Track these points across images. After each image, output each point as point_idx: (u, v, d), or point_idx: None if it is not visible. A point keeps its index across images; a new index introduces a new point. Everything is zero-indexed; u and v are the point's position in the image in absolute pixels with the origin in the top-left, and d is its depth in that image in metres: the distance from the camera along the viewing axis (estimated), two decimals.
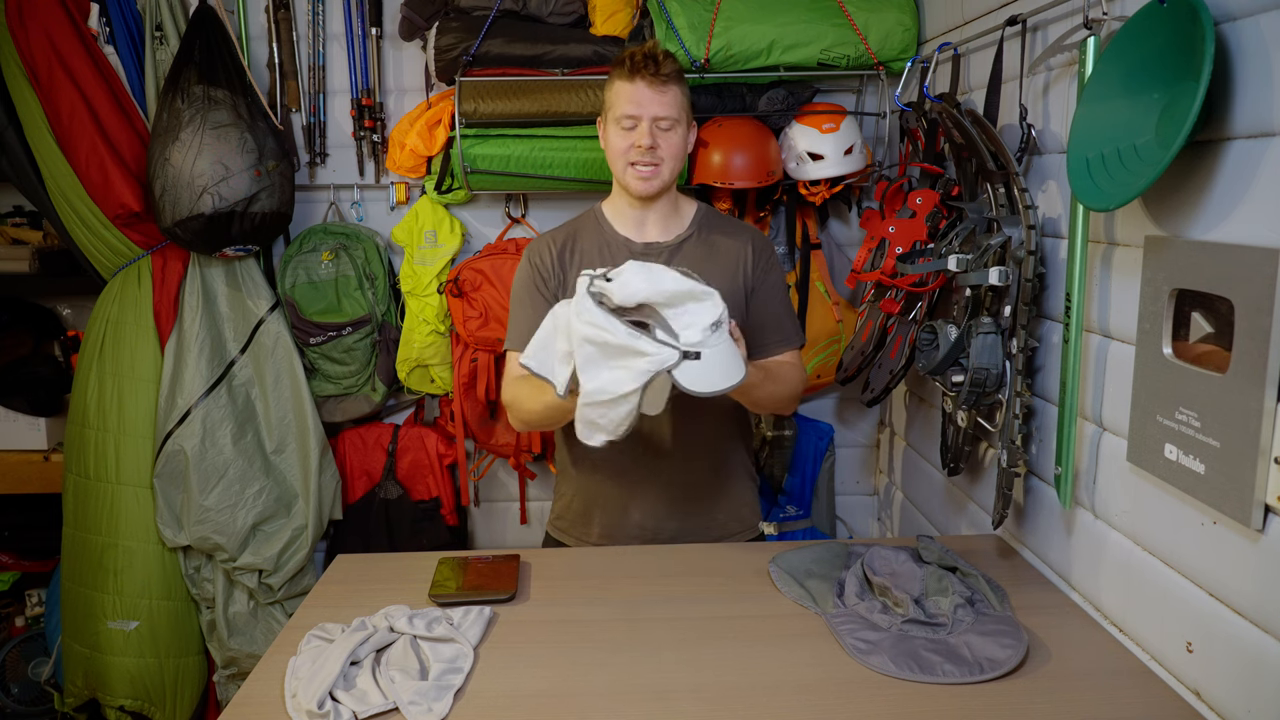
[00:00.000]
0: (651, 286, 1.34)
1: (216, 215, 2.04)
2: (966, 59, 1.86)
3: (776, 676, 1.20)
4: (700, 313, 1.36)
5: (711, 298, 1.37)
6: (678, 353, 1.32)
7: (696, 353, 1.33)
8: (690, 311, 1.36)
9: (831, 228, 2.47)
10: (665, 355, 1.31)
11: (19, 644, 2.67)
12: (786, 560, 1.52)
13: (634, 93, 1.60)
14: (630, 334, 1.31)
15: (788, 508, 2.41)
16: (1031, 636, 1.27)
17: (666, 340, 1.34)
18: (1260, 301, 0.97)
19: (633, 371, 1.32)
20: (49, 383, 2.54)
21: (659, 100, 1.60)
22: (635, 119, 1.60)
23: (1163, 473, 1.16)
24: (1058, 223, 1.48)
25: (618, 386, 1.33)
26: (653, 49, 1.63)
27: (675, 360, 1.32)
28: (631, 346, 1.32)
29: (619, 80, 1.62)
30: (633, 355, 1.32)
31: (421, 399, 2.54)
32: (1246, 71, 1.02)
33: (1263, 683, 1.01)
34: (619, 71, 1.63)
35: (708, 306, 1.37)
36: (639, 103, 1.60)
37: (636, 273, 1.36)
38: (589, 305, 1.34)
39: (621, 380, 1.33)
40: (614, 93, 1.64)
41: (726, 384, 1.36)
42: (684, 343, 1.34)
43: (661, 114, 1.61)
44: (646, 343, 1.32)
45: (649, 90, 1.60)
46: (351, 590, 1.49)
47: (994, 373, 1.49)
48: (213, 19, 2.12)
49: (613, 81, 1.65)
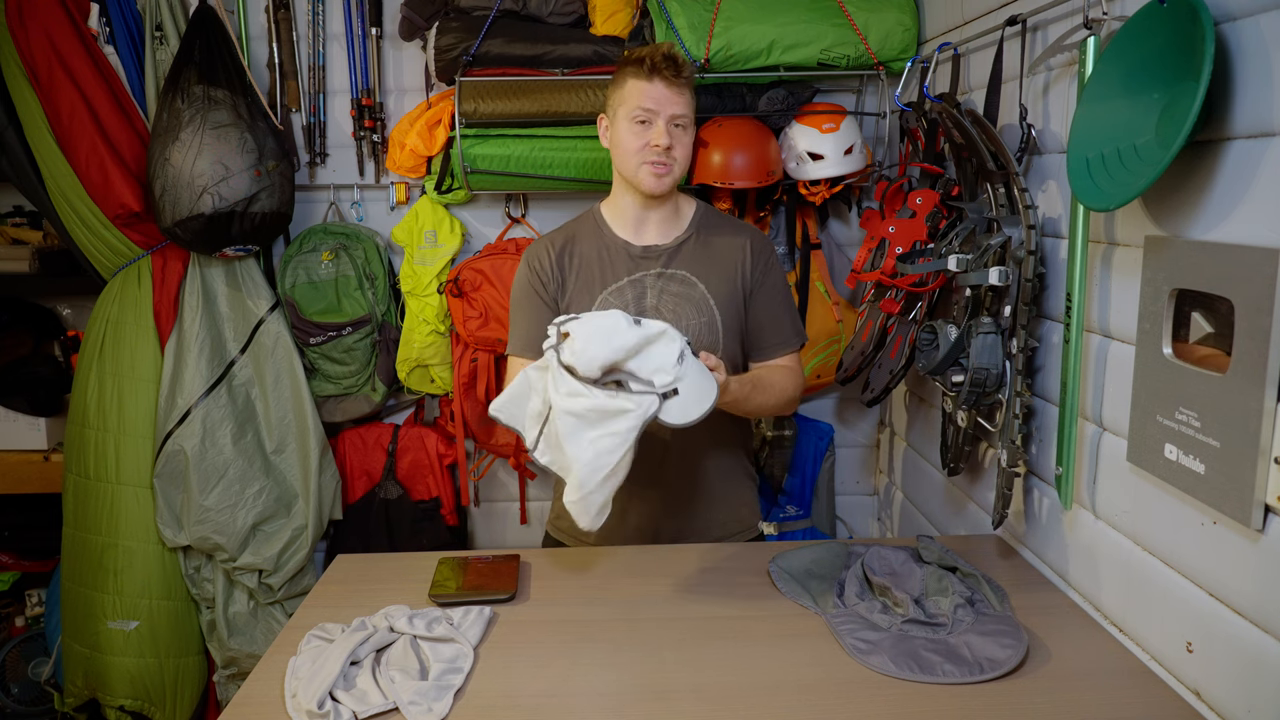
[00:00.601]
0: (610, 349, 1.32)
1: (216, 215, 2.04)
2: (966, 59, 1.86)
3: (776, 676, 1.20)
4: (664, 353, 1.35)
5: (667, 334, 1.36)
6: (657, 398, 1.32)
7: (674, 389, 1.33)
8: (655, 355, 1.35)
9: (831, 228, 2.47)
10: (647, 404, 1.31)
11: (19, 644, 2.67)
12: (786, 560, 1.52)
13: (652, 90, 1.60)
14: (609, 396, 1.31)
15: (788, 508, 2.41)
16: (1031, 636, 1.27)
17: (642, 390, 1.33)
18: (1260, 301, 0.97)
19: (618, 435, 1.31)
20: (49, 383, 2.54)
21: (676, 99, 1.61)
22: (652, 114, 1.60)
23: (1163, 473, 1.16)
24: (1058, 223, 1.48)
25: (608, 458, 1.32)
26: (671, 50, 1.63)
27: (657, 407, 1.32)
28: (614, 407, 1.31)
29: (634, 78, 1.61)
30: (615, 416, 1.32)
31: (421, 399, 2.54)
32: (1246, 71, 1.03)
33: (1263, 683, 1.01)
34: (635, 70, 1.61)
35: (668, 344, 1.35)
36: (657, 100, 1.59)
37: (591, 340, 1.33)
38: (564, 377, 1.33)
39: (610, 447, 1.32)
40: (627, 90, 1.62)
41: (702, 409, 1.35)
42: (658, 386, 1.33)
43: (678, 111, 1.61)
44: (625, 399, 1.31)
45: (667, 90, 1.60)
46: (351, 590, 1.49)
47: (994, 373, 1.49)
48: (213, 19, 2.12)
49: (625, 79, 1.63)
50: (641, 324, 1.36)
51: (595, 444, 1.32)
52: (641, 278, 1.67)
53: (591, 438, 1.32)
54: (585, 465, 1.32)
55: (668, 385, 1.33)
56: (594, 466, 1.32)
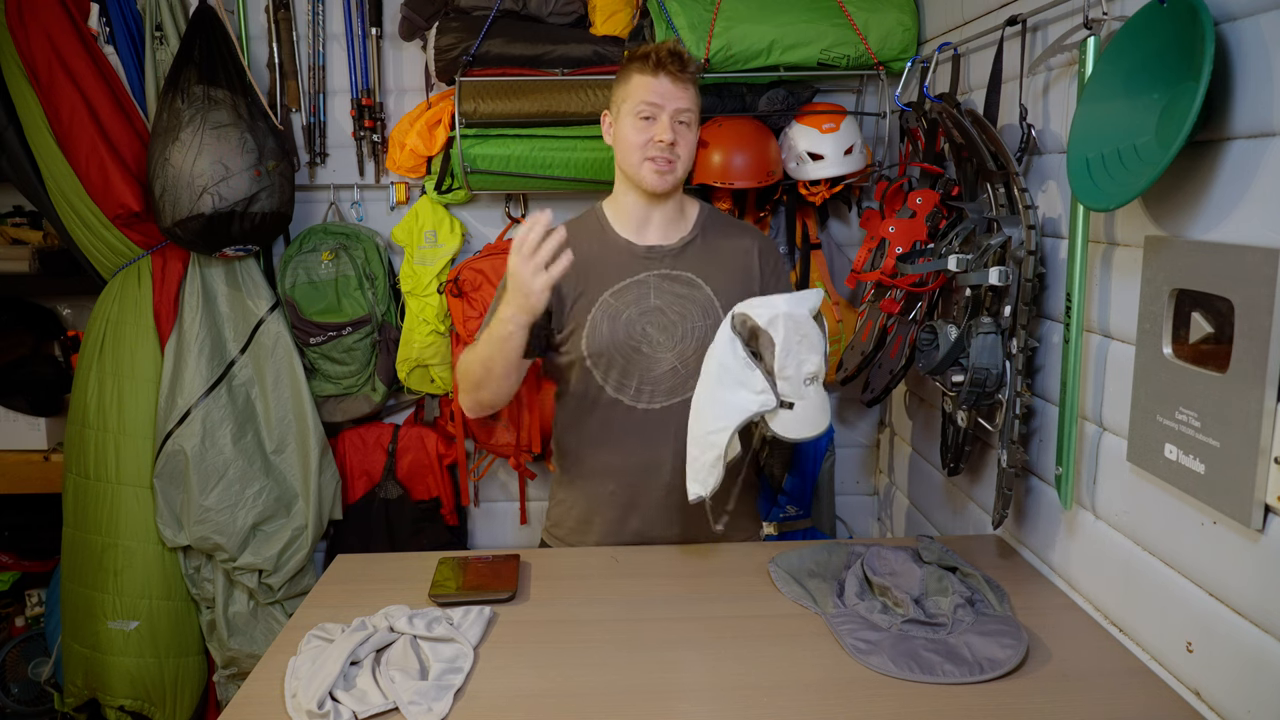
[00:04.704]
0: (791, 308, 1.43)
1: (216, 215, 2.04)
2: (966, 59, 1.86)
3: (776, 676, 1.20)
4: (804, 364, 1.44)
5: (818, 350, 1.45)
6: (775, 400, 1.43)
7: (790, 404, 1.44)
8: (799, 358, 1.43)
9: (831, 228, 2.47)
10: (763, 401, 1.42)
11: (19, 644, 2.67)
12: (786, 560, 1.52)
13: (657, 85, 1.59)
14: (748, 363, 1.43)
15: (788, 508, 2.41)
16: (1031, 636, 1.27)
17: (766, 388, 1.43)
18: (1260, 301, 0.97)
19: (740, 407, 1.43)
20: (49, 383, 2.54)
21: (681, 94, 1.60)
22: (657, 108, 1.59)
23: (1163, 473, 1.16)
24: (1058, 223, 1.48)
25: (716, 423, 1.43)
26: (676, 46, 1.62)
27: (771, 408, 1.43)
28: (741, 378, 1.43)
29: (639, 74, 1.61)
30: (741, 387, 1.43)
31: (421, 399, 2.54)
32: (1246, 71, 1.02)
33: (1263, 683, 1.01)
34: (640, 65, 1.61)
35: (812, 359, 1.44)
36: (662, 94, 1.59)
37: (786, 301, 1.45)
38: (724, 325, 1.48)
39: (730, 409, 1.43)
40: (632, 85, 1.62)
41: (805, 433, 1.45)
42: (780, 391, 1.44)
43: (683, 106, 1.60)
44: (756, 378, 1.43)
45: (672, 85, 1.59)
46: (351, 590, 1.49)
47: (994, 373, 1.49)
48: (213, 19, 2.12)
49: (629, 75, 1.63)
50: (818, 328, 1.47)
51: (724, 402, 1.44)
52: (645, 278, 1.66)
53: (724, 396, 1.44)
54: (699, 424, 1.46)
55: (788, 398, 1.43)
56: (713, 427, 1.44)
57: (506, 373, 1.60)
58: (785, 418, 1.43)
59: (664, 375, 1.65)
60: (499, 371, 1.60)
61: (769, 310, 1.43)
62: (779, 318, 1.42)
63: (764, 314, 1.44)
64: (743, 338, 1.46)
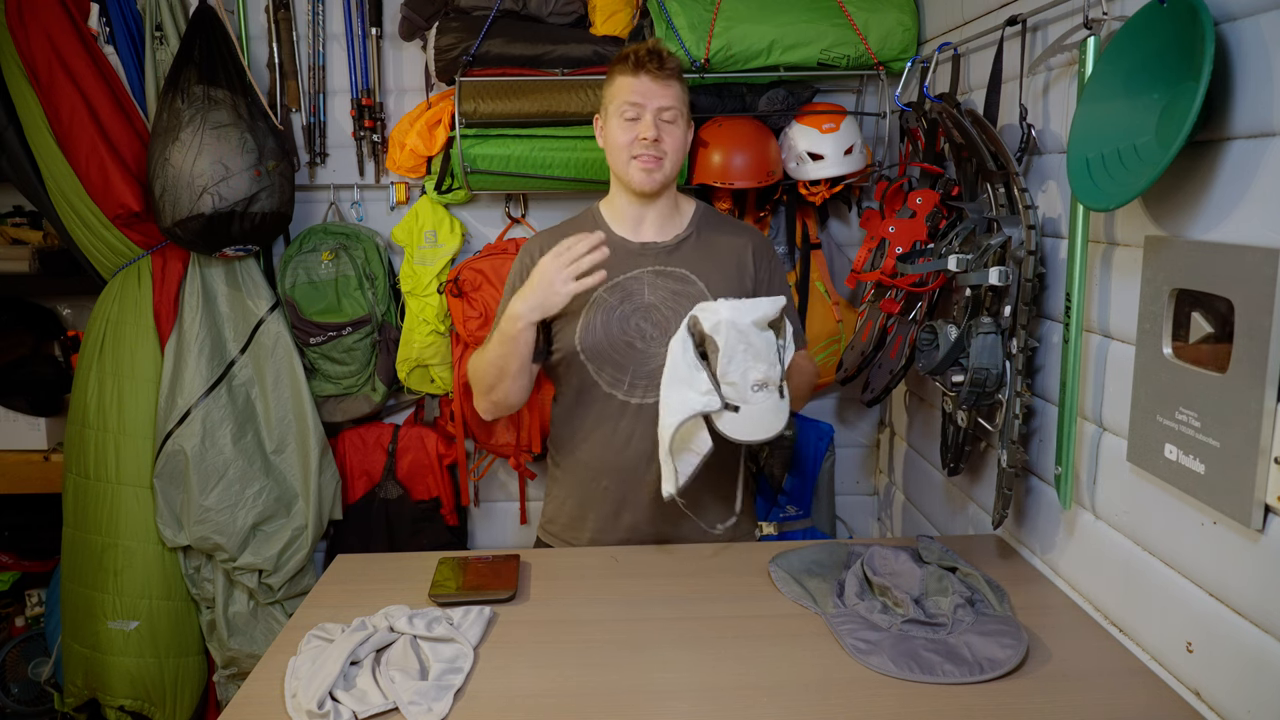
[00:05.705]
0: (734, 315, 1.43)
1: (216, 215, 2.04)
2: (966, 59, 1.86)
3: (776, 676, 1.20)
4: (751, 370, 1.44)
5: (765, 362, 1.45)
6: (719, 401, 1.44)
7: (735, 407, 1.44)
8: (743, 364, 1.44)
9: (831, 228, 2.47)
10: (706, 402, 1.44)
11: (19, 644, 2.67)
12: (786, 560, 1.52)
13: (638, 84, 1.61)
14: (694, 366, 1.44)
15: (788, 508, 2.41)
16: (1031, 636, 1.27)
17: (711, 389, 1.44)
18: (1260, 301, 0.97)
19: (683, 404, 1.44)
20: (49, 383, 2.54)
21: (663, 92, 1.61)
22: (639, 107, 1.61)
23: (1163, 473, 1.16)
24: (1058, 223, 1.48)
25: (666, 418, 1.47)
26: (656, 45, 1.63)
27: (715, 409, 1.44)
28: (686, 376, 1.45)
29: (621, 75, 1.63)
30: (681, 386, 1.45)
31: (421, 399, 2.54)
32: (1246, 71, 1.02)
33: (1263, 683, 1.01)
34: (621, 67, 1.63)
35: (759, 369, 1.44)
36: (643, 93, 1.60)
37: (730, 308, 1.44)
38: (683, 324, 1.49)
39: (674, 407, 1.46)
40: (616, 86, 1.64)
41: (753, 437, 1.46)
42: (725, 395, 1.44)
43: (665, 104, 1.61)
44: (699, 378, 1.44)
45: (653, 83, 1.60)
46: (351, 590, 1.49)
47: (994, 373, 1.49)
48: (213, 19, 2.12)
49: (614, 77, 1.65)
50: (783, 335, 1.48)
51: (668, 401, 1.47)
52: (639, 274, 1.67)
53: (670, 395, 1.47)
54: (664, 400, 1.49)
55: (733, 402, 1.44)
56: (665, 406, 1.48)
57: (519, 372, 1.62)
58: (731, 419, 1.44)
59: (657, 370, 1.64)
60: (512, 370, 1.61)
61: (713, 316, 1.44)
62: (721, 324, 1.42)
63: (709, 320, 1.44)
64: (695, 339, 1.47)
